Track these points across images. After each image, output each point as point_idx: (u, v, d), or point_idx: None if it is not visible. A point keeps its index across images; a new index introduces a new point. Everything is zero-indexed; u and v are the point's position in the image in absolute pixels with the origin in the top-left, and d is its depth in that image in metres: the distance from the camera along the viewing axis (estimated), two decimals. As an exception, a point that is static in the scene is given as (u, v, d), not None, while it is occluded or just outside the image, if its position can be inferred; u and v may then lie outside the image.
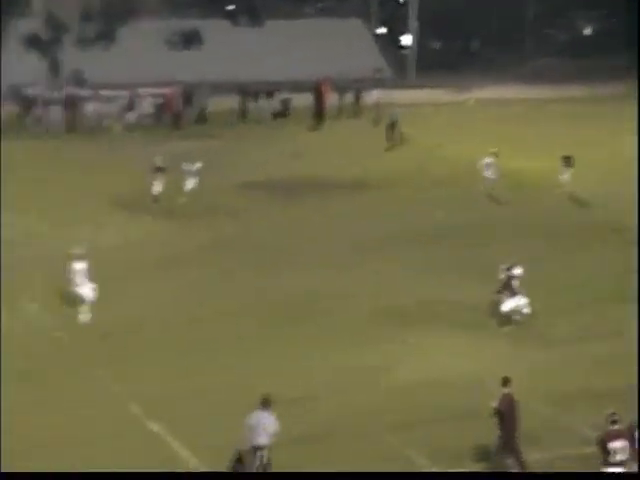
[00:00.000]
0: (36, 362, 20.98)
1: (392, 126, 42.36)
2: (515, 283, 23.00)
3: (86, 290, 22.93)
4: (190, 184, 32.42)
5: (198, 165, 32.25)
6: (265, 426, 16.04)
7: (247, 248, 28.83)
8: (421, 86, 55.60)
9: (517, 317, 23.06)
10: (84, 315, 22.88)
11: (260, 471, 15.94)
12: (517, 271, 23.01)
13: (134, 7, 56.53)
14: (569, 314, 23.55)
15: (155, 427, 18.26)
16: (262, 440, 16.02)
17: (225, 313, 23.88)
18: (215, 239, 29.31)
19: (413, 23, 60.05)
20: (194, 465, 17.00)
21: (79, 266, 23.06)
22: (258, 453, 15.98)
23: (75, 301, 23.42)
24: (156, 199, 32.30)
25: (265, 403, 16.25)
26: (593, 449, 15.99)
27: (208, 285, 25.83)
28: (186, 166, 32.35)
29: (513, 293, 23.00)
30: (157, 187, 32.44)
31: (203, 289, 25.57)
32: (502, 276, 23.15)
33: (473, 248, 28.22)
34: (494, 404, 16.75)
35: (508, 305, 22.96)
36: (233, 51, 55.18)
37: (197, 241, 29.17)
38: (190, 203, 31.64)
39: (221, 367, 20.88)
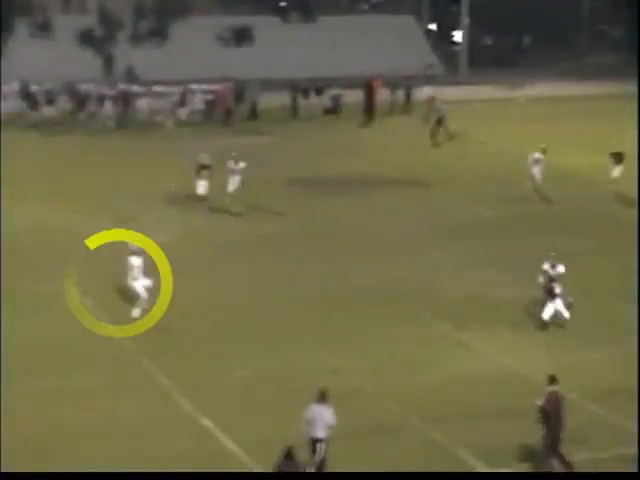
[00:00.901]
0: (91, 355, 21.19)
1: (439, 122, 42.30)
2: (556, 284, 22.64)
3: (140, 285, 23.24)
4: (233, 184, 31.77)
5: (242, 165, 31.63)
6: (323, 419, 16.22)
7: (299, 241, 28.93)
8: (472, 83, 55.42)
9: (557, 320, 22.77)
10: (138, 309, 23.17)
11: (318, 464, 16.11)
12: (559, 270, 22.72)
13: (186, 4, 57.02)
14: (612, 313, 23.44)
15: (206, 422, 18.41)
16: (320, 433, 16.19)
17: (280, 305, 24.08)
18: (267, 233, 29.42)
19: (465, 19, 59.82)
20: (244, 461, 17.13)
21: (136, 261, 23.40)
22: (317, 445, 16.14)
23: (131, 295, 23.74)
24: (201, 198, 32.08)
25: (322, 396, 16.43)
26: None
27: (263, 277, 25.99)
28: (230, 165, 31.85)
29: (553, 295, 22.64)
30: (202, 185, 32.11)
31: (257, 281, 25.72)
32: (542, 278, 22.80)
33: (519, 244, 28.15)
34: (539, 402, 16.71)
35: (548, 312, 22.60)
36: (284, 48, 55.36)
37: (249, 235, 29.30)
38: (239, 198, 31.67)
39: (276, 359, 21.03)
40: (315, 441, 16.21)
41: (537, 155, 33.48)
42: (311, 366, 20.72)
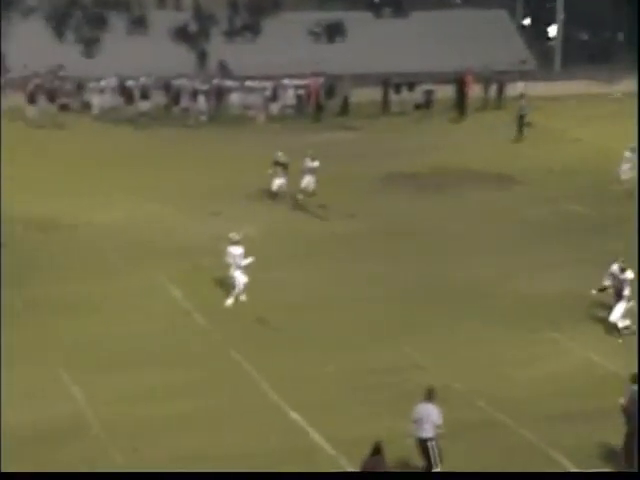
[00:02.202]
0: (182, 346, 21.40)
1: (521, 119, 41.93)
2: (625, 286, 22.20)
3: (240, 275, 23.48)
4: (308, 181, 31.50)
5: (316, 163, 31.42)
6: (430, 418, 16.26)
7: (386, 238, 28.86)
8: (566, 78, 54.68)
9: (625, 330, 22.26)
10: (233, 299, 23.42)
11: (436, 461, 16.21)
12: (628, 275, 22.23)
13: (280, 0, 57.31)
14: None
15: (294, 416, 18.50)
16: (427, 433, 16.24)
17: (372, 299, 24.11)
18: (354, 230, 29.40)
19: (559, 14, 59.04)
20: (332, 455, 17.17)
21: (235, 251, 23.66)
22: (428, 444, 16.22)
23: (222, 286, 23.96)
24: (274, 195, 31.88)
25: (430, 395, 16.51)
26: None
27: (349, 274, 25.98)
28: (306, 162, 31.56)
29: (621, 297, 22.16)
30: (277, 182, 31.83)
31: (347, 276, 25.76)
32: (609, 281, 22.37)
33: (611, 244, 27.66)
34: (622, 401, 16.43)
35: (616, 314, 22.13)
36: (376, 43, 55.21)
37: (338, 230, 29.32)
38: (319, 195, 31.57)
39: (363, 356, 21.07)
40: (424, 441, 16.22)
41: (627, 154, 32.96)
42: (398, 363, 20.74)
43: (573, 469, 16.79)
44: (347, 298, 24.29)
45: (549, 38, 62.98)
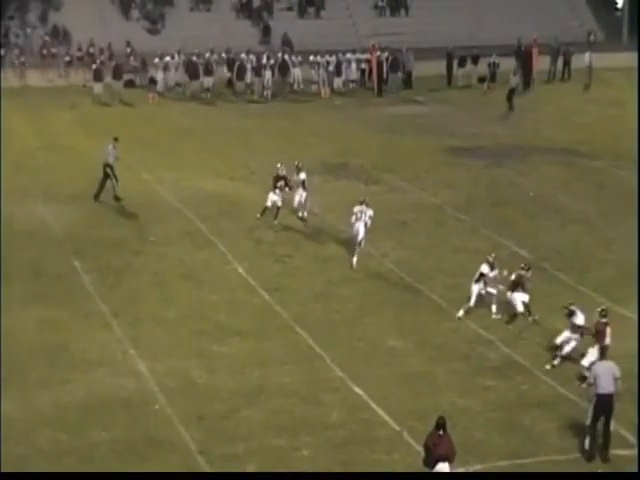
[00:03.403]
0: (245, 322, 21.36)
1: (511, 92, 41.85)
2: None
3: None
4: (298, 197, 27.16)
5: (303, 176, 26.94)
6: (612, 373, 16.27)
7: (469, 209, 28.54)
8: (635, 49, 53.70)
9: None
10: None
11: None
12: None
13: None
14: None
15: (358, 390, 18.48)
16: (610, 388, 16.20)
17: (440, 271, 23.78)
18: (436, 202, 29.05)
19: (627, -17, 58.05)
20: (396, 430, 17.11)
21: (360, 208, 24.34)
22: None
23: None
24: (267, 210, 27.01)
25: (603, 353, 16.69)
26: None
27: (430, 246, 25.74)
28: (293, 175, 27.16)
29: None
30: (272, 198, 26.87)
31: (423, 251, 25.51)
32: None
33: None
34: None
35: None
36: (440, 16, 54.76)
37: (412, 205, 28.94)
38: (392, 165, 31.18)
39: (430, 329, 20.91)
40: (604, 397, 16.15)
41: None
42: (467, 335, 20.60)
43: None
44: (424, 271, 24.07)
45: (617, 9, 61.93)
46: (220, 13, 53.16)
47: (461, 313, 21.50)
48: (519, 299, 21.17)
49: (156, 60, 44.66)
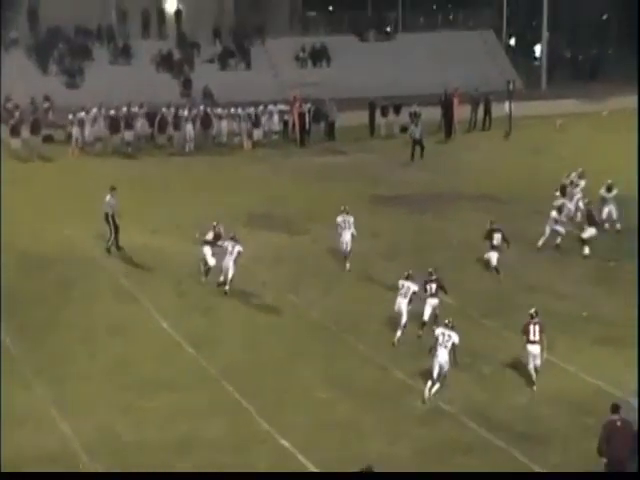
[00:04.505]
0: (175, 375, 21.04)
1: (415, 143, 42.21)
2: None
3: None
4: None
5: (239, 248, 25.58)
6: None
7: (390, 256, 28.55)
8: (553, 97, 54.65)
9: None
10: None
11: None
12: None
13: (264, 25, 57.22)
14: None
15: (284, 442, 18.11)
16: None
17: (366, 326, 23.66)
18: (356, 250, 28.50)
19: (544, 33, 59.07)
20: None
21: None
22: None
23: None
24: (209, 270, 26.49)
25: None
26: None
27: (348, 297, 25.61)
28: (226, 244, 25.80)
29: None
30: (210, 260, 26.28)
31: (347, 301, 25.34)
32: None
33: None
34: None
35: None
36: (362, 66, 55.12)
37: (339, 256, 28.46)
38: (315, 214, 31.10)
39: (357, 376, 20.70)
40: None
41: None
42: (394, 383, 20.47)
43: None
44: (343, 322, 23.93)
45: (535, 57, 63.03)
46: (140, 66, 52.88)
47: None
48: (430, 303, 22.64)
49: (70, 116, 44.02)
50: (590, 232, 28.51)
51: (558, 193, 30.24)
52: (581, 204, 30.57)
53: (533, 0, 60.63)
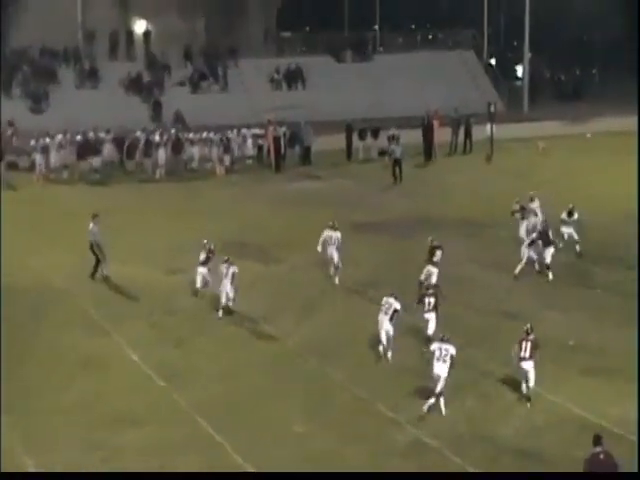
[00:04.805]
0: (146, 409, 19.96)
1: (395, 163, 41.26)
2: None
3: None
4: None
5: (234, 269, 24.90)
6: None
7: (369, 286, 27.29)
8: (535, 119, 53.69)
9: None
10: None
11: None
12: None
13: (237, 46, 55.89)
14: None
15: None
16: None
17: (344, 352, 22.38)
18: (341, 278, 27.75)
19: (526, 53, 58.02)
20: None
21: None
22: None
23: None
24: (197, 292, 26.37)
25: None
26: None
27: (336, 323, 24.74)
28: (221, 267, 25.22)
29: None
30: (202, 276, 26.28)
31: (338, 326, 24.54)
32: None
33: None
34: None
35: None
36: (339, 88, 53.83)
37: (317, 284, 27.54)
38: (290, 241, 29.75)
39: (335, 413, 19.17)
40: None
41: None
42: (375, 416, 19.55)
43: None
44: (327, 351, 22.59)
45: (517, 78, 61.93)
46: (108, 90, 51.35)
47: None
48: (430, 318, 22.57)
49: (32, 142, 42.25)
50: (549, 252, 27.76)
51: (519, 215, 29.82)
52: (539, 226, 29.39)
53: (514, 20, 59.62)
